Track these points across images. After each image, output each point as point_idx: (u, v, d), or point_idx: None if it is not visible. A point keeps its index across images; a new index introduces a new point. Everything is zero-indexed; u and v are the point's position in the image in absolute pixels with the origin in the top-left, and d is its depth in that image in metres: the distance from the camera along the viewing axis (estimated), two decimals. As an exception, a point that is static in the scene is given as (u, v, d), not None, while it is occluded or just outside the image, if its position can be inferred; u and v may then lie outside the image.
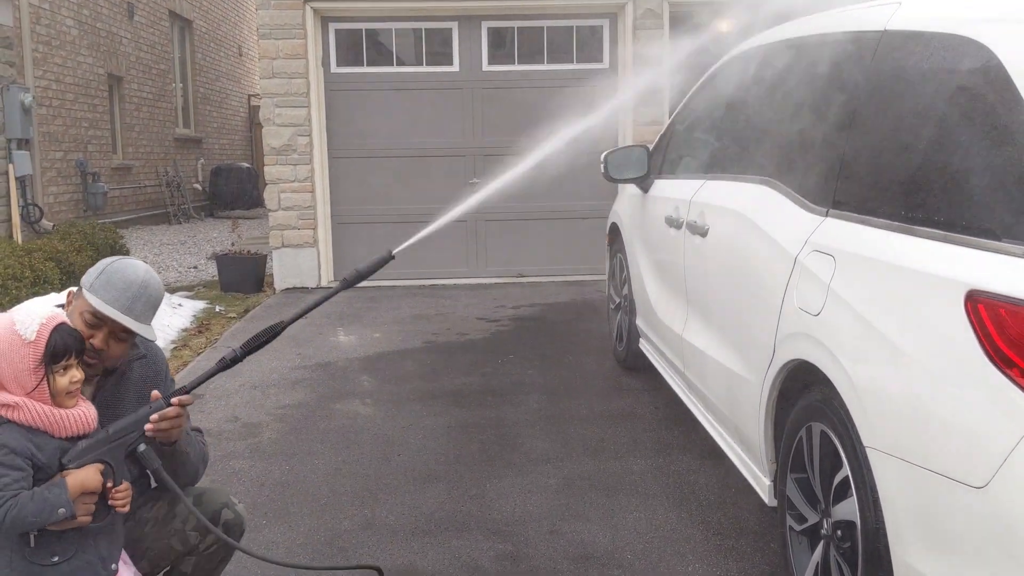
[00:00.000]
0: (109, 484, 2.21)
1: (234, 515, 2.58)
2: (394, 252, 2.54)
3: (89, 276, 2.32)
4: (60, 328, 2.19)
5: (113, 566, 2.26)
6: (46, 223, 11.27)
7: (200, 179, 17.86)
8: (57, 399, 2.18)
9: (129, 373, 2.45)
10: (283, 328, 2.46)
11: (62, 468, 2.16)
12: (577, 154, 8.79)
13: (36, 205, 11.15)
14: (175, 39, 17.18)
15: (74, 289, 2.38)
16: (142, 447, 2.27)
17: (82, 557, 2.19)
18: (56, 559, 2.16)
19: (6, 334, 2.14)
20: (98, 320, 2.28)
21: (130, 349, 2.41)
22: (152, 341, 2.54)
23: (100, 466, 2.19)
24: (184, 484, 2.48)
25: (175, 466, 2.41)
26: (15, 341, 2.13)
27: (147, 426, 2.26)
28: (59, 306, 2.36)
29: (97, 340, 2.29)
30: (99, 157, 13.72)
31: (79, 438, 2.21)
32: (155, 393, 2.34)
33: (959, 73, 2.31)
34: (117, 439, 2.23)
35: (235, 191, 17.88)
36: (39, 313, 2.19)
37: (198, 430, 2.64)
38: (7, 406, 2.13)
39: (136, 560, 2.45)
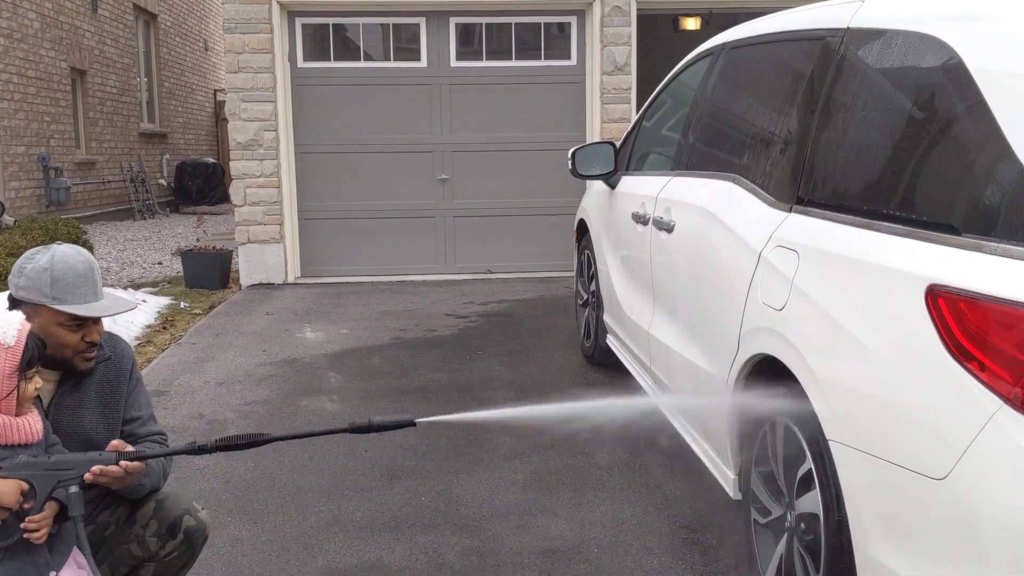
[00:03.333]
0: (26, 506, 2.10)
1: (196, 522, 2.51)
2: (417, 421, 2.40)
3: (39, 289, 2.23)
4: (33, 334, 2.15)
5: (52, 573, 2.18)
6: (7, 218, 11.11)
7: (165, 174, 17.67)
8: (19, 406, 2.14)
9: (91, 375, 2.40)
10: (268, 441, 2.29)
11: None
12: (544, 151, 8.81)
13: (-3, 200, 10.98)
14: (139, 33, 16.98)
15: (11, 310, 2.23)
16: (73, 488, 2.14)
17: (11, 564, 2.11)
18: None
19: None
20: (80, 321, 2.27)
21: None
22: (116, 337, 2.52)
23: (24, 485, 2.10)
24: (140, 496, 2.44)
25: (127, 491, 2.36)
26: None
27: (86, 475, 2.15)
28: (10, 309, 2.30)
29: (92, 335, 2.30)
30: (62, 152, 13.54)
31: (20, 447, 2.14)
32: (114, 443, 2.25)
33: (921, 71, 2.34)
34: (54, 469, 2.14)
35: (200, 187, 17.71)
36: (12, 317, 2.14)
37: (162, 434, 2.55)
38: None
39: (96, 564, 2.40)
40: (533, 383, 5.40)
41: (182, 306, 7.92)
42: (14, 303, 2.28)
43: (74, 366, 2.34)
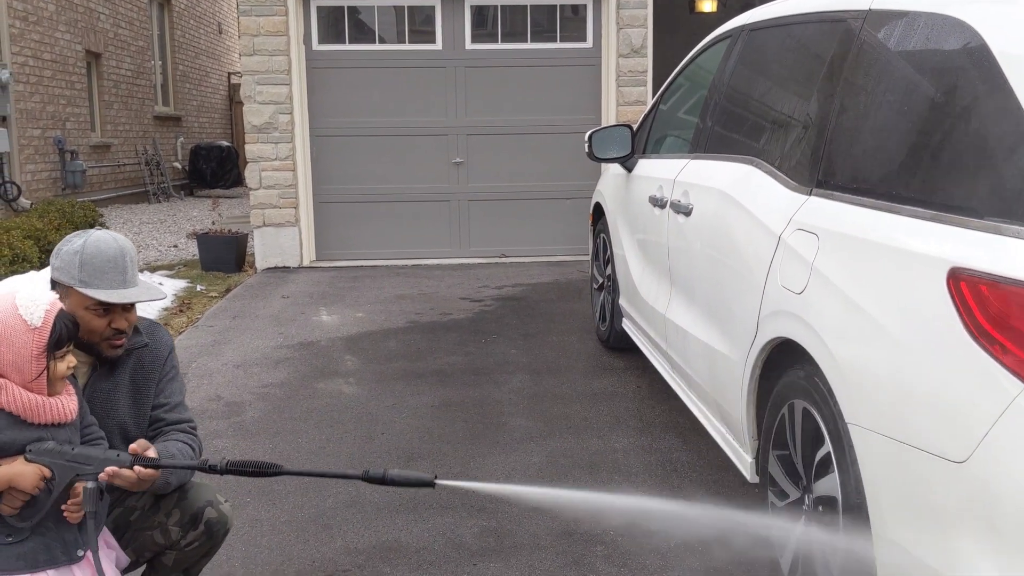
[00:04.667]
0: (42, 492, 2.12)
1: (218, 514, 2.50)
2: (437, 483, 2.38)
3: (69, 272, 2.25)
4: (61, 314, 2.15)
5: (80, 552, 2.20)
6: (24, 201, 11.17)
7: (179, 158, 17.71)
8: (51, 385, 2.16)
9: (127, 360, 2.41)
10: (280, 473, 2.28)
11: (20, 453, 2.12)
12: (560, 134, 8.80)
13: (14, 183, 11.04)
14: (154, 16, 16.99)
15: (53, 292, 2.24)
16: (90, 485, 2.14)
17: (38, 540, 2.14)
18: (10, 539, 2.11)
19: (9, 318, 2.07)
20: (107, 307, 2.27)
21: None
22: (156, 325, 2.54)
23: (46, 472, 2.11)
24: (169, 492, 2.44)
25: (154, 488, 2.33)
26: (19, 326, 2.07)
27: (101, 475, 2.15)
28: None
29: (120, 323, 2.30)
30: (77, 135, 13.58)
31: (56, 427, 2.16)
32: (133, 446, 2.23)
33: (944, 53, 2.32)
34: (74, 462, 2.15)
35: (215, 170, 17.75)
36: (42, 298, 2.14)
37: (190, 422, 2.52)
38: None
39: (121, 547, 2.43)
40: (549, 367, 5.41)
41: (198, 289, 7.96)
42: (53, 284, 2.30)
43: (101, 352, 2.35)
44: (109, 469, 2.15)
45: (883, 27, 2.64)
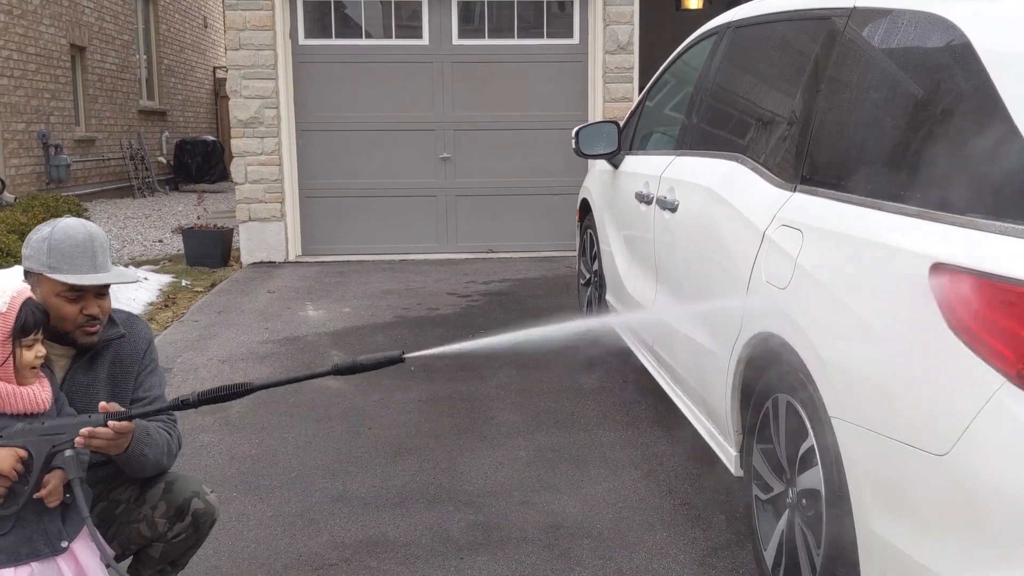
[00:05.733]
0: (20, 475, 2.12)
1: (204, 505, 2.50)
2: (405, 356, 2.33)
3: (38, 259, 2.26)
4: (29, 302, 2.17)
5: (64, 543, 2.21)
6: (8, 195, 11.10)
7: (164, 152, 17.64)
8: (20, 374, 2.16)
9: (104, 353, 2.41)
10: (250, 391, 2.25)
11: None
12: (546, 130, 8.79)
13: (-3, 177, 10.97)
14: (139, 9, 16.90)
15: (23, 282, 2.27)
16: (68, 452, 2.14)
17: (19, 533, 2.14)
18: None
19: None
20: (77, 292, 2.26)
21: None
22: (136, 318, 2.53)
23: (22, 453, 2.12)
24: (147, 475, 2.44)
25: (131, 466, 2.35)
26: None
27: (77, 439, 2.14)
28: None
29: (92, 308, 2.29)
30: (61, 129, 13.51)
31: (30, 417, 2.16)
32: (103, 405, 2.23)
33: (927, 51, 2.35)
34: (47, 434, 2.15)
35: (200, 165, 17.70)
36: (8, 286, 2.17)
37: (172, 418, 2.52)
38: None
39: (107, 540, 2.43)
40: (535, 362, 5.42)
41: (183, 284, 7.93)
42: (26, 275, 2.30)
43: (76, 340, 2.34)
44: (84, 431, 2.15)
45: (868, 24, 2.66)
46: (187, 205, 14.12)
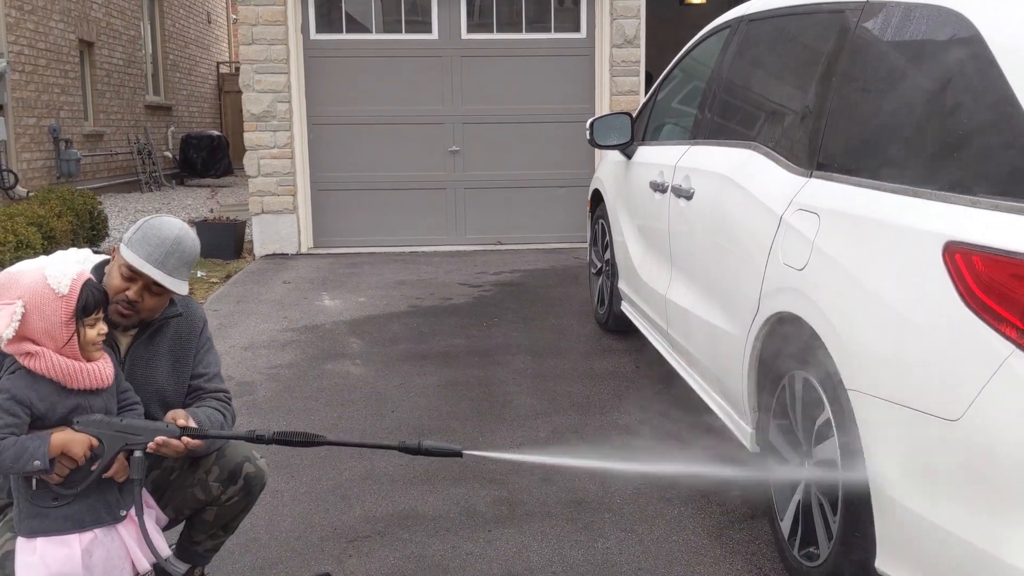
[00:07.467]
0: (88, 461, 2.25)
1: (255, 469, 2.65)
2: (464, 453, 2.50)
3: (129, 233, 2.41)
4: (89, 283, 2.30)
5: (123, 512, 2.34)
6: (20, 189, 11.22)
7: (170, 147, 17.74)
8: (84, 351, 2.29)
9: (164, 329, 2.53)
10: (321, 443, 2.41)
11: (66, 423, 2.26)
12: (554, 123, 8.89)
13: (11, 171, 11.09)
14: (144, 5, 16.99)
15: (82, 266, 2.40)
16: (138, 453, 2.28)
17: (83, 502, 2.27)
18: (55, 503, 2.25)
19: (39, 288, 2.22)
20: (133, 274, 2.38)
21: (167, 305, 2.49)
22: (189, 298, 2.64)
23: (94, 442, 2.24)
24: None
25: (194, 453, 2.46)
26: (48, 295, 2.22)
27: (150, 444, 2.27)
28: (103, 263, 2.46)
29: (132, 292, 2.39)
30: (71, 124, 13.62)
31: (93, 392, 2.30)
32: (172, 413, 2.36)
33: (939, 43, 2.48)
34: (124, 432, 2.27)
35: (205, 159, 17.78)
36: (70, 268, 2.29)
37: (226, 391, 2.65)
38: (28, 354, 2.23)
39: (161, 507, 2.57)
40: (550, 349, 5.56)
41: (199, 275, 8.06)
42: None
43: (108, 315, 2.40)
44: (158, 439, 2.28)
45: (880, 16, 2.79)
46: (195, 199, 14.24)
